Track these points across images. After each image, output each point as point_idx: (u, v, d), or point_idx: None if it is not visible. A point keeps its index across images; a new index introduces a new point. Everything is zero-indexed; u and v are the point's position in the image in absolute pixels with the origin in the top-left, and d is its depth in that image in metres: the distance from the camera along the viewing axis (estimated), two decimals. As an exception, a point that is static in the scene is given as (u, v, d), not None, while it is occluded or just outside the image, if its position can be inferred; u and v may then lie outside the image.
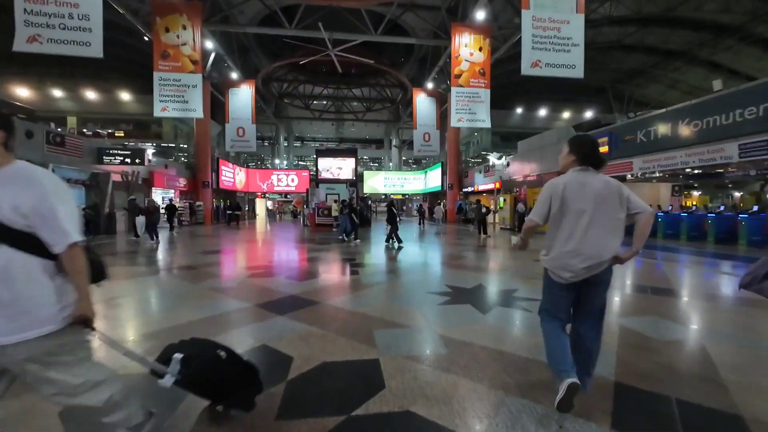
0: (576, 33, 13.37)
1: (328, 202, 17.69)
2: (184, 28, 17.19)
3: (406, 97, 29.57)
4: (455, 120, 17.66)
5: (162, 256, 8.11)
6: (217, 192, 25.22)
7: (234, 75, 23.29)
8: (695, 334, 3.19)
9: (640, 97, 33.21)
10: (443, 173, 26.15)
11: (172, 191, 21.61)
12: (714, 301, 4.33)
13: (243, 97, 24.06)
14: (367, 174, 33.66)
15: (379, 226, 18.31)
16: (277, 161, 39.70)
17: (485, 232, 12.95)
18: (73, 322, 1.29)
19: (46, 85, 31.39)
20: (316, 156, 30.10)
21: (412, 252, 8.73)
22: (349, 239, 11.16)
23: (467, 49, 17.70)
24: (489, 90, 17.74)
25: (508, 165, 18.22)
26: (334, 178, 26.04)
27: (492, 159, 17.97)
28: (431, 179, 29.85)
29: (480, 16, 17.07)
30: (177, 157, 31.60)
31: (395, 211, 10.61)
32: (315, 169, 30.12)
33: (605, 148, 11.90)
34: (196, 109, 17.36)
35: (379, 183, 33.02)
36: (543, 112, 35.78)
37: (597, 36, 24.00)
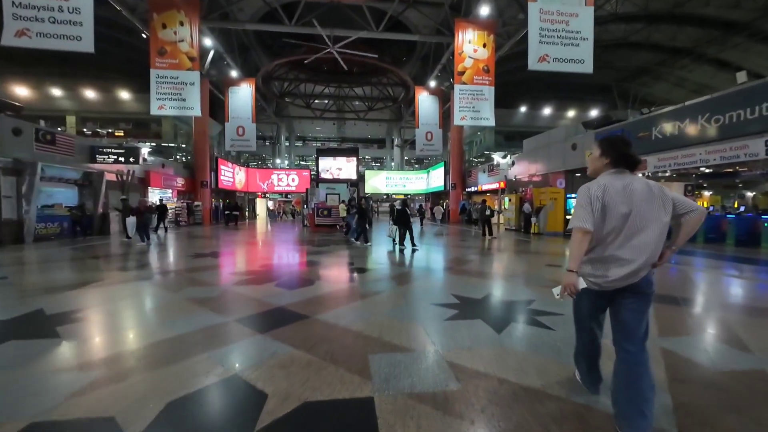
0: (585, 26, 12.85)
1: (328, 202, 17.22)
2: (182, 24, 16.85)
3: (408, 96, 29.15)
4: (458, 118, 17.20)
5: (148, 259, 7.63)
6: (217, 192, 24.83)
7: (234, 73, 22.90)
8: (758, 362, 2.65)
9: (646, 96, 32.67)
10: (446, 173, 25.65)
11: (170, 191, 21.21)
12: (763, 316, 3.78)
13: (243, 95, 23.73)
14: (368, 174, 33.26)
15: (381, 227, 17.80)
16: (278, 161, 39.27)
17: (490, 234, 12.48)
18: None
19: (45, 84, 31.18)
20: (316, 155, 29.76)
21: (415, 255, 8.22)
22: (357, 241, 10.53)
23: (471, 45, 17.24)
24: (493, 87, 17.26)
25: (513, 164, 17.67)
26: (335, 178, 25.62)
27: (496, 158, 17.44)
28: (434, 179, 29.37)
29: (484, 11, 16.58)
30: (177, 156, 31.25)
31: (409, 212, 10.00)
32: (316, 168, 29.78)
33: (617, 146, 11.32)
34: (194, 107, 16.98)
35: (380, 183, 32.58)
36: (547, 111, 35.26)
37: (602, 33, 23.49)
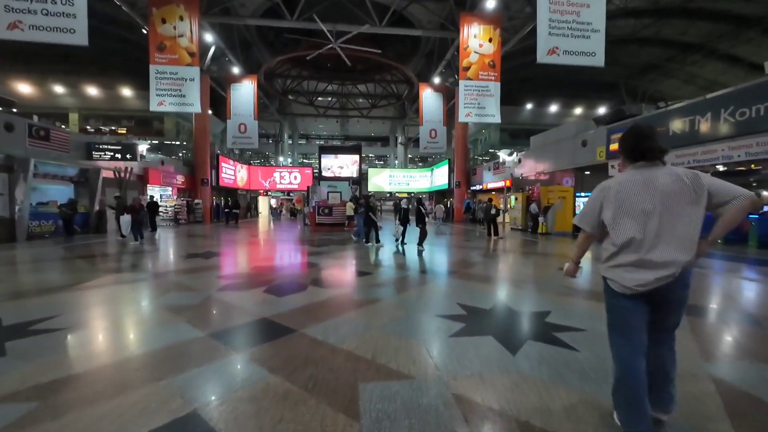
0: (597, 18, 12.34)
1: (329, 200, 16.84)
2: (181, 19, 16.57)
3: (412, 93, 28.75)
4: (463, 115, 16.76)
5: (135, 260, 7.25)
6: (218, 190, 24.52)
7: (236, 70, 22.56)
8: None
9: (655, 93, 32.02)
10: (450, 171, 25.18)
11: (170, 189, 20.91)
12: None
13: (245, 92, 23.47)
14: (371, 171, 32.91)
15: (385, 226, 17.37)
16: (281, 159, 38.96)
17: (496, 234, 12.02)
18: None
19: (48, 82, 31.19)
20: (319, 153, 29.43)
21: (415, 257, 7.79)
22: (367, 242, 9.95)
23: (476, 40, 16.78)
24: (499, 83, 16.81)
25: (520, 161, 17.14)
26: (337, 176, 25.27)
27: (502, 155, 16.93)
28: (438, 177, 28.90)
29: (490, 4, 16.07)
30: (180, 154, 31.06)
31: (424, 211, 9.42)
32: (318, 166, 29.44)
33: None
34: (194, 103, 16.70)
35: (383, 181, 32.18)
36: (553, 108, 34.70)
37: (611, 29, 22.92)
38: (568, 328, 3.18)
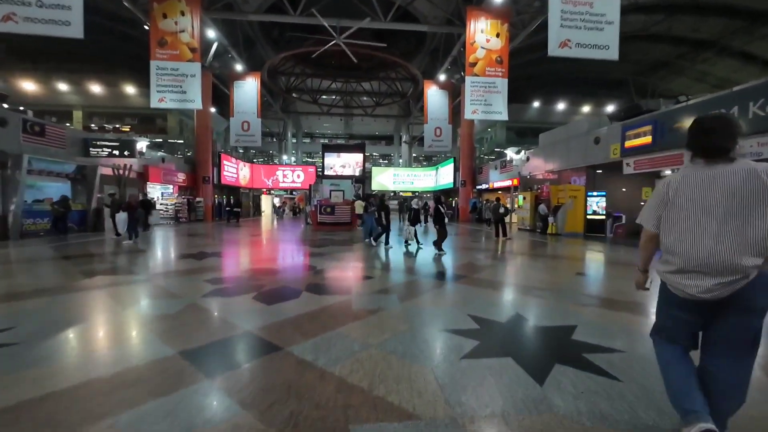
0: (610, 9, 11.78)
1: (332, 198, 16.47)
2: (183, 14, 16.25)
3: (416, 91, 28.27)
4: (469, 112, 16.23)
5: (122, 261, 6.85)
6: (220, 188, 24.21)
7: (239, 67, 22.20)
8: None
9: (664, 91, 31.28)
10: (455, 170, 24.65)
11: (171, 186, 20.60)
12: None
13: (248, 90, 23.13)
14: (375, 170, 32.50)
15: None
16: (285, 157, 38.64)
17: (504, 234, 11.53)
18: None
19: (52, 79, 31.11)
20: (322, 151, 29.07)
21: (423, 260, 7.34)
22: (377, 243, 9.40)
23: (483, 35, 16.26)
24: (506, 80, 16.28)
25: (528, 159, 16.59)
26: (340, 174, 24.88)
27: (509, 153, 16.36)
28: (442, 176, 28.40)
29: (498, -1, 15.54)
30: (183, 152, 30.87)
31: (444, 210, 8.53)
32: (321, 164, 29.09)
33: (648, 138, 10.24)
34: (195, 99, 16.35)
35: (387, 180, 31.75)
36: (561, 106, 34.03)
37: (621, 25, 22.27)
38: (601, 349, 2.69)
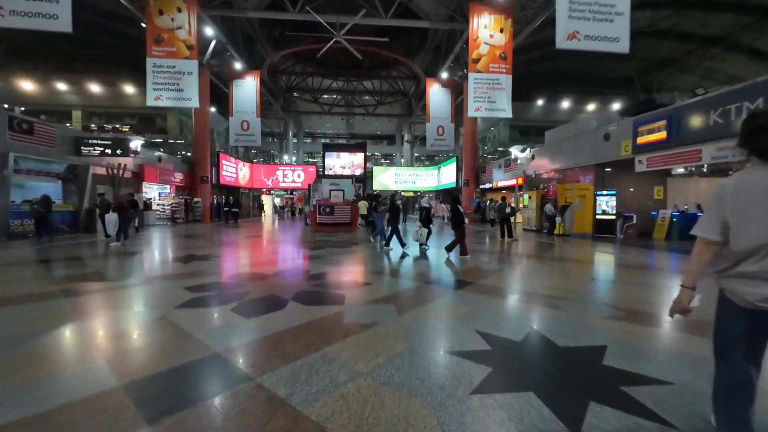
0: (621, 0, 11.31)
1: (332, 198, 16.10)
2: (179, 10, 15.96)
3: (418, 90, 27.86)
4: (473, 109, 15.83)
5: (105, 264, 6.45)
6: (219, 188, 23.86)
7: (238, 66, 21.84)
8: None
9: (670, 89, 30.73)
10: (458, 169, 24.20)
11: (168, 186, 20.25)
12: None
13: (248, 89, 22.77)
14: (376, 170, 32.14)
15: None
16: (285, 157, 38.29)
17: (509, 235, 11.10)
18: None
19: (51, 79, 30.91)
20: (323, 150, 28.73)
21: (424, 263, 6.92)
22: (390, 247, 8.85)
23: (487, 30, 15.83)
24: (510, 76, 15.86)
25: (533, 158, 16.12)
26: (341, 174, 24.53)
27: (514, 152, 15.90)
28: (445, 175, 27.97)
29: (502, -8, 15.11)
30: (183, 152, 30.55)
31: (462, 210, 7.71)
32: (322, 164, 28.74)
33: (662, 134, 9.77)
34: (192, 97, 16.06)
35: (389, 179, 31.35)
36: (565, 105, 33.48)
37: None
38: (643, 380, 2.22)
